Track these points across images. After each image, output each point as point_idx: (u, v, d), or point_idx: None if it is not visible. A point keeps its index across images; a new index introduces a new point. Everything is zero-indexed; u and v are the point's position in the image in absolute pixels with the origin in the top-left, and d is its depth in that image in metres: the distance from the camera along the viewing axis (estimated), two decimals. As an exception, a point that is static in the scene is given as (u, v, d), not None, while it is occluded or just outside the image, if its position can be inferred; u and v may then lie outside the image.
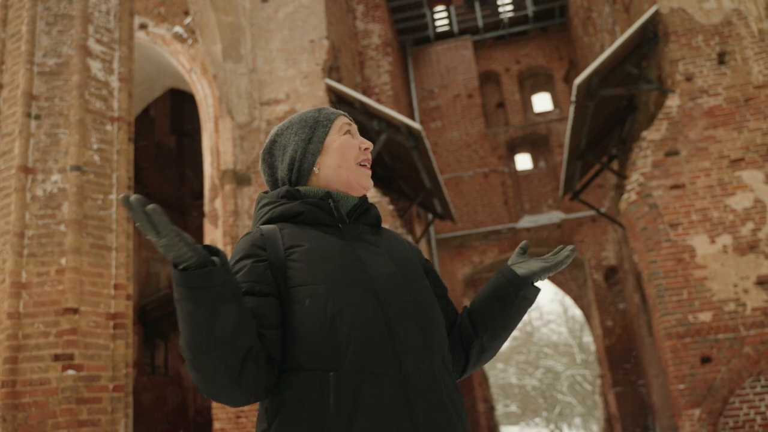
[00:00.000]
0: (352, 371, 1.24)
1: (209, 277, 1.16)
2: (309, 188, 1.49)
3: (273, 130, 1.63)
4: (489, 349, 1.52)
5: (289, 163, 1.53)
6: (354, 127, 1.56)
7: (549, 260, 1.50)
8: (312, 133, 1.53)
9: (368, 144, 1.54)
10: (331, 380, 1.24)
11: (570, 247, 1.49)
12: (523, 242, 1.56)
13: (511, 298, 1.49)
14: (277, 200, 1.47)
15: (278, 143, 1.58)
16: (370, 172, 1.52)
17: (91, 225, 4.91)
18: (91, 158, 5.10)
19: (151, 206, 1.13)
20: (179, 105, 18.58)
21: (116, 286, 4.95)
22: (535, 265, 1.50)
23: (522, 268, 1.51)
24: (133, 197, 1.11)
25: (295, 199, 1.46)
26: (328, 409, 1.22)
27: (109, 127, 5.34)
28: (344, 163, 1.49)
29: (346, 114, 1.60)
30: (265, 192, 1.55)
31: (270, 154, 1.60)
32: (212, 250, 1.22)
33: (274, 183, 1.58)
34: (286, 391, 1.27)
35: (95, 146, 5.18)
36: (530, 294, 1.51)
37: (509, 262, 1.54)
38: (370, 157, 1.54)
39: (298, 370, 1.27)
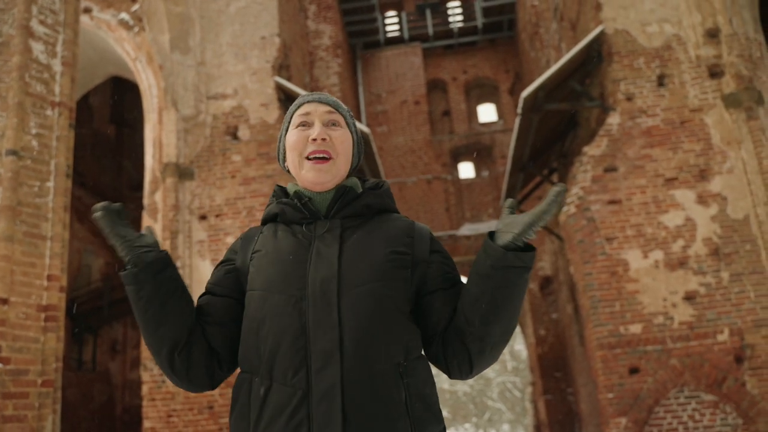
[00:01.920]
0: (264, 378, 1.29)
1: (133, 278, 1.33)
2: (291, 185, 1.52)
3: None
4: (489, 335, 1.32)
5: (279, 160, 1.60)
6: (315, 114, 1.48)
7: (534, 213, 1.28)
8: (283, 131, 1.55)
9: (317, 132, 1.44)
10: (253, 384, 1.31)
11: (557, 188, 1.26)
12: (509, 201, 1.36)
13: (490, 272, 1.29)
14: (270, 199, 1.54)
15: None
16: (320, 165, 1.43)
17: (25, 212, 4.72)
18: (29, 143, 4.91)
19: (116, 207, 1.31)
20: (120, 93, 18.05)
21: (49, 277, 4.77)
22: (518, 222, 1.30)
23: (503, 232, 1.32)
24: (101, 206, 1.31)
25: (278, 198, 1.50)
26: (248, 411, 1.30)
27: (49, 112, 5.15)
28: (293, 161, 1.48)
29: (316, 98, 1.51)
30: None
31: None
32: (160, 252, 1.37)
33: None
34: (234, 388, 1.37)
35: (34, 131, 4.98)
36: (514, 261, 1.28)
37: (497, 228, 1.34)
38: (323, 147, 1.44)
39: (241, 371, 1.37)
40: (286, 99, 9.80)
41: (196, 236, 9.03)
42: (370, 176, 10.66)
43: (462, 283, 1.43)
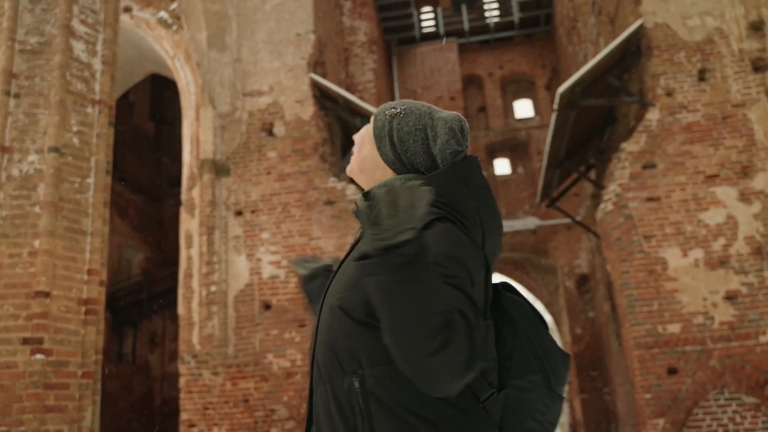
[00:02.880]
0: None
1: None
2: None
3: None
4: None
5: None
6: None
7: None
8: None
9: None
10: None
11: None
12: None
13: None
14: None
15: None
16: (349, 170, 1.55)
17: (66, 208, 4.83)
18: (70, 140, 5.02)
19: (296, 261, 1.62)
20: (159, 91, 18.37)
21: (89, 272, 4.87)
22: None
23: None
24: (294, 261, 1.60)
25: None
26: None
27: (89, 110, 5.26)
28: None
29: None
30: None
31: None
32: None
33: None
34: None
35: (75, 128, 5.09)
36: None
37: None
38: (349, 174, 1.57)
39: None
40: (321, 96, 9.85)
41: (232, 232, 9.14)
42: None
43: None
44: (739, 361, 7.54)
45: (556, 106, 9.19)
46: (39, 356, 4.37)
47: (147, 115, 18.37)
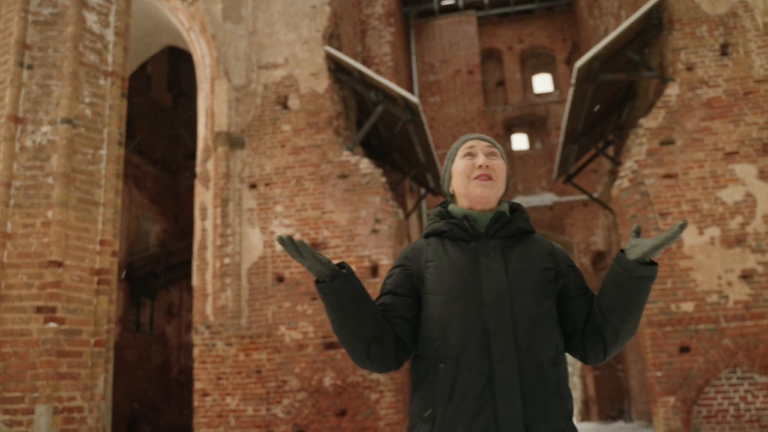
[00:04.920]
0: (452, 365, 1.63)
1: (334, 288, 1.62)
2: (454, 207, 1.88)
3: None
4: (623, 329, 1.68)
5: (442, 185, 1.98)
6: (478, 147, 1.87)
7: (659, 237, 1.57)
8: (449, 162, 1.94)
9: (482, 161, 1.82)
10: (439, 370, 1.65)
11: (679, 223, 1.53)
12: (635, 225, 1.64)
13: (625, 281, 1.64)
14: (433, 218, 1.88)
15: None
16: (486, 183, 1.80)
17: (79, 179, 4.88)
18: (83, 112, 5.05)
19: (298, 240, 1.58)
20: (177, 63, 18.38)
21: (102, 242, 4.93)
22: (644, 245, 1.60)
23: (632, 250, 1.63)
24: (284, 237, 1.56)
25: (443, 218, 1.85)
26: (435, 390, 1.65)
27: (102, 81, 5.27)
28: (461, 183, 1.85)
29: (477, 137, 1.91)
30: (438, 204, 1.98)
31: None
32: (342, 266, 1.65)
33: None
34: (416, 372, 1.73)
35: (87, 100, 5.12)
36: (644, 272, 1.62)
37: (625, 246, 1.67)
38: (487, 171, 1.82)
39: (422, 358, 1.71)
40: (336, 69, 9.78)
41: (246, 204, 9.19)
42: (420, 147, 10.61)
43: (591, 290, 1.81)
44: (753, 341, 7.48)
45: (573, 80, 9.06)
46: (52, 324, 4.44)
47: (165, 87, 18.39)
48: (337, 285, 1.62)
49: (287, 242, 1.56)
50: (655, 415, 7.77)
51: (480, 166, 1.83)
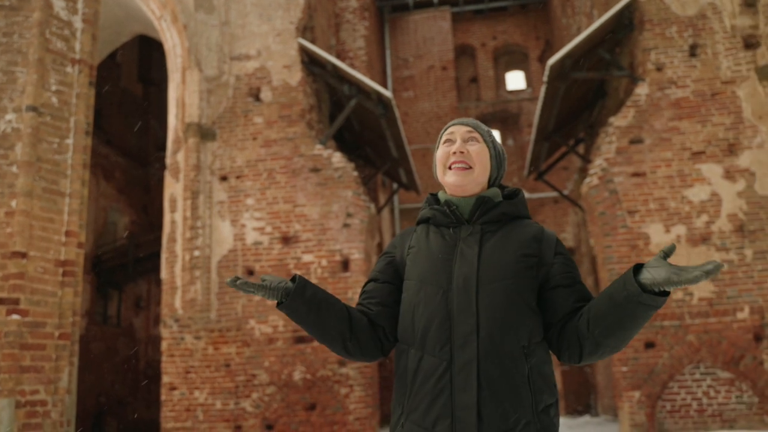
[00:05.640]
0: (418, 350, 1.66)
1: (289, 307, 1.67)
2: (441, 194, 1.87)
3: None
4: (605, 345, 1.59)
5: (435, 173, 1.95)
6: (457, 133, 1.84)
7: (680, 274, 1.40)
8: (435, 150, 1.92)
9: (456, 148, 1.80)
10: (409, 354, 1.68)
11: (711, 265, 1.35)
12: (668, 246, 1.46)
13: (623, 301, 1.50)
14: (423, 205, 1.90)
15: None
16: (460, 172, 1.78)
17: (44, 168, 4.78)
18: (49, 100, 4.94)
19: (240, 282, 1.58)
20: (148, 52, 18.10)
21: (68, 233, 4.84)
22: (661, 273, 1.44)
23: (648, 272, 1.47)
24: (229, 281, 1.58)
25: (430, 205, 1.86)
26: (406, 374, 1.68)
27: (69, 69, 5.17)
28: (440, 171, 1.85)
29: (460, 122, 1.88)
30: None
31: None
32: (294, 279, 1.67)
33: None
34: (395, 357, 1.77)
35: (54, 88, 5.01)
36: (648, 300, 1.46)
37: (646, 264, 1.51)
38: (462, 158, 1.79)
39: (399, 342, 1.75)
40: (310, 61, 9.73)
41: (217, 197, 9.10)
42: (392, 142, 10.60)
43: (582, 283, 1.74)
44: (716, 337, 7.64)
45: (545, 78, 9.13)
46: (15, 317, 4.35)
47: (135, 76, 18.11)
48: (291, 304, 1.66)
49: (234, 284, 1.59)
50: (621, 410, 7.90)
51: (454, 153, 1.80)
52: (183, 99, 9.54)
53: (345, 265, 8.67)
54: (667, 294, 1.47)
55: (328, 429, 8.19)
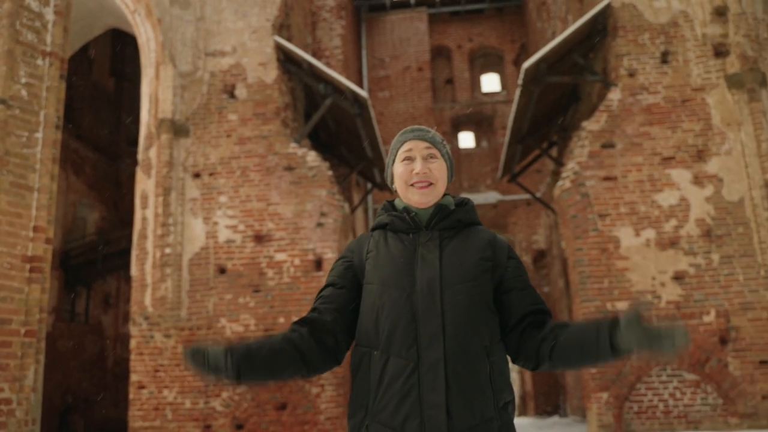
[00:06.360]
0: (383, 352, 1.68)
1: (243, 381, 1.67)
2: (398, 202, 1.92)
3: None
4: (557, 366, 1.68)
5: (386, 179, 2.01)
6: (416, 150, 1.86)
7: (651, 344, 1.49)
8: (390, 161, 1.96)
9: (419, 168, 1.83)
10: (373, 357, 1.69)
11: (683, 339, 1.47)
12: (642, 304, 1.57)
13: (591, 353, 1.60)
14: (380, 212, 1.94)
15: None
16: (423, 190, 1.82)
17: (12, 162, 4.68)
18: (18, 92, 4.85)
19: (193, 354, 1.63)
20: (121, 46, 17.85)
21: (35, 229, 4.75)
22: (634, 341, 1.51)
23: (624, 338, 1.52)
24: (189, 351, 1.64)
25: (387, 211, 1.91)
26: (369, 377, 1.69)
27: (39, 62, 5.07)
28: (400, 187, 1.88)
29: (416, 137, 1.89)
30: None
31: None
32: (231, 351, 1.66)
33: None
34: (354, 360, 1.77)
35: (23, 80, 4.92)
36: (615, 357, 1.57)
37: (622, 316, 1.56)
38: (425, 178, 1.83)
39: (359, 346, 1.76)
40: (286, 59, 9.68)
41: (189, 194, 9.01)
42: (367, 142, 10.60)
43: (532, 287, 1.82)
44: (683, 340, 7.76)
45: (520, 81, 9.20)
46: (-21, 313, 4.26)
47: (107, 71, 17.84)
48: (239, 378, 1.66)
49: (189, 357, 1.63)
50: (589, 411, 8.00)
51: (417, 173, 1.84)
52: (156, 94, 9.43)
53: (318, 264, 8.64)
54: (632, 350, 1.54)
55: (299, 428, 8.16)
